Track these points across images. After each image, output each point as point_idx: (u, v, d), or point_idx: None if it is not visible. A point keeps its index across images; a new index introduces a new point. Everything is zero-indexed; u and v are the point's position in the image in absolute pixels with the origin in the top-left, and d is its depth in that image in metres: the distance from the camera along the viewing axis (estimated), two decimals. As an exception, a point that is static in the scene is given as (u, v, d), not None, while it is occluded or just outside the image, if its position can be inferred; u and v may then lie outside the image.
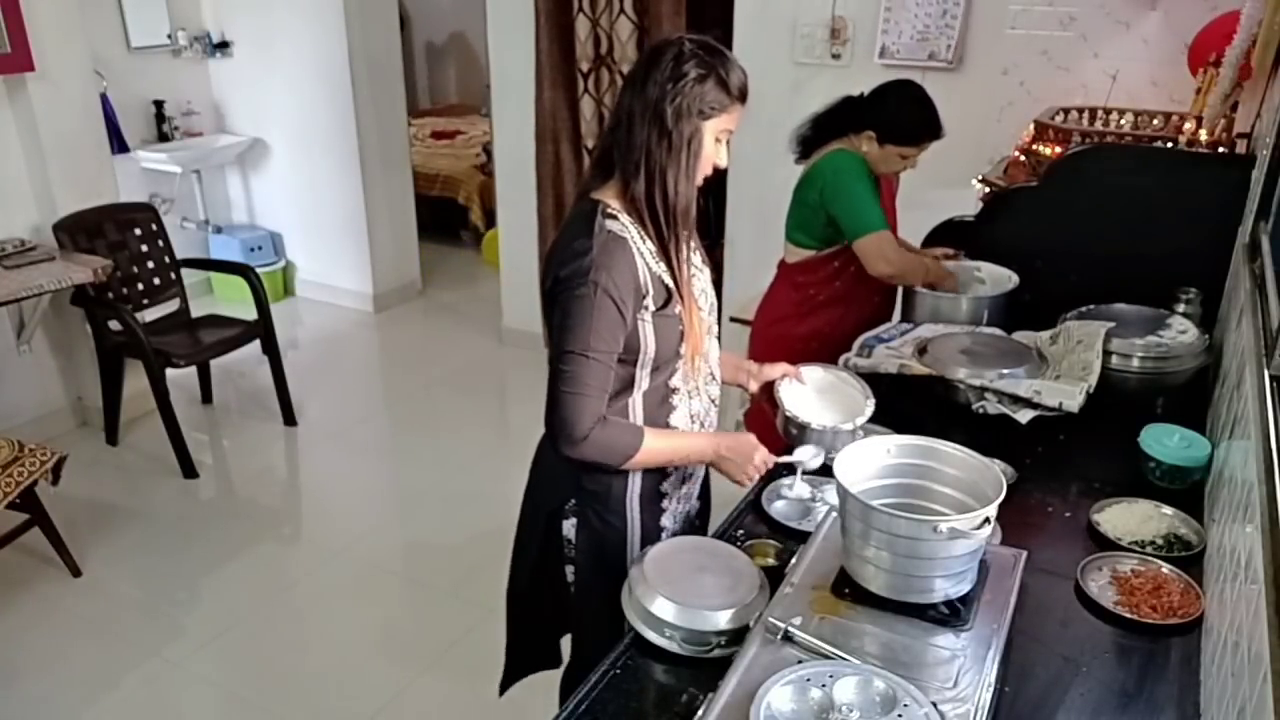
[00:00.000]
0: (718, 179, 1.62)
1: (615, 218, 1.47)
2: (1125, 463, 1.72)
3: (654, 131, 1.44)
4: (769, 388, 1.76)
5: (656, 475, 1.63)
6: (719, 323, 1.72)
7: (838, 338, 2.37)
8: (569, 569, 1.68)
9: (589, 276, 1.42)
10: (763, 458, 1.60)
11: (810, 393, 1.76)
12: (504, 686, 1.87)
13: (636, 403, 1.56)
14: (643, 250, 1.48)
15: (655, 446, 1.53)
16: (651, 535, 1.64)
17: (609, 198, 1.51)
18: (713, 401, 1.68)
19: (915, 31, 3.29)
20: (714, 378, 1.67)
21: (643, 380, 1.54)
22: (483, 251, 5.90)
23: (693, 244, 1.61)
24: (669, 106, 1.42)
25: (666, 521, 1.67)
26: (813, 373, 1.80)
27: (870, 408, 1.69)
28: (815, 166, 2.43)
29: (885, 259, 2.35)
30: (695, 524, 1.80)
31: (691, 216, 1.51)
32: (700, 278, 1.61)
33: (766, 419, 1.89)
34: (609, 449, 1.49)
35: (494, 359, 4.73)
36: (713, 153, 1.50)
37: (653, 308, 1.49)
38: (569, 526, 1.64)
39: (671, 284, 1.50)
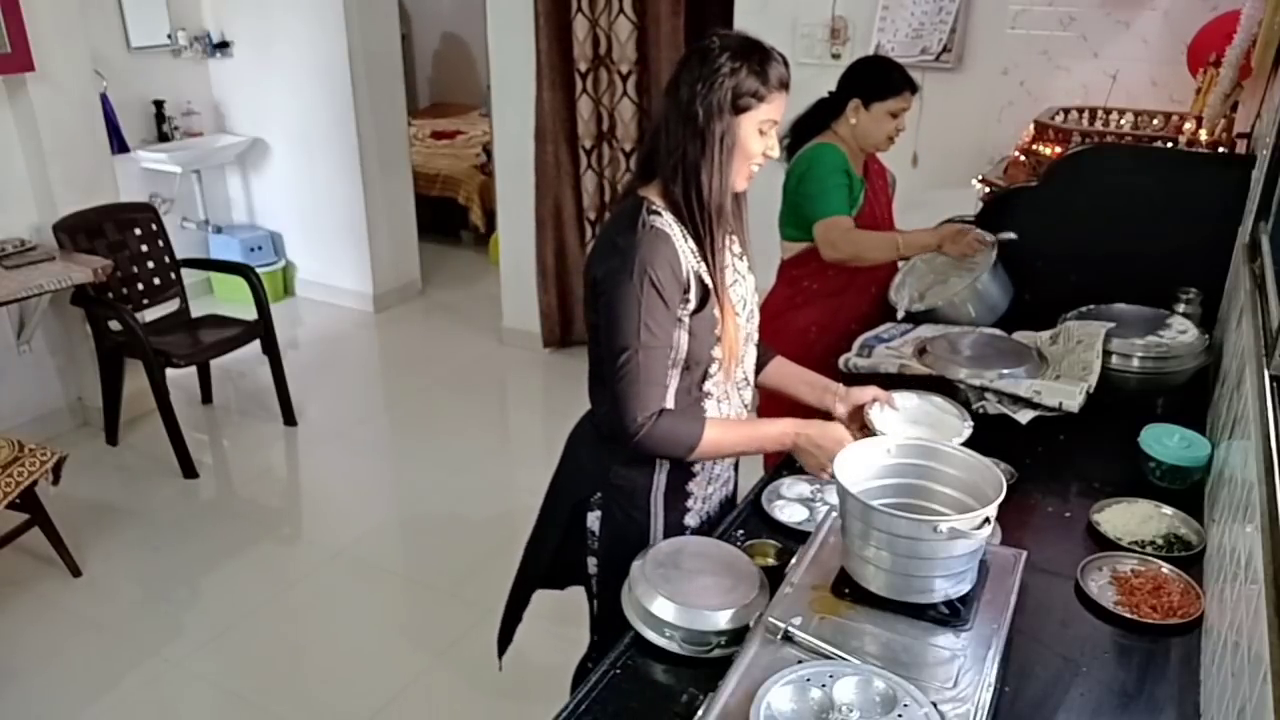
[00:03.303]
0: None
1: (659, 214, 1.49)
2: (1125, 463, 1.73)
3: (687, 132, 1.45)
4: (858, 412, 1.74)
5: (683, 475, 1.64)
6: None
7: (837, 328, 2.38)
8: (591, 560, 1.69)
9: (633, 269, 1.43)
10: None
11: (903, 419, 1.74)
12: (501, 652, 1.88)
13: (667, 401, 1.56)
14: (684, 249, 1.49)
15: (721, 439, 1.55)
16: (674, 533, 1.65)
17: (653, 195, 1.52)
18: (745, 406, 1.70)
19: (910, 29, 3.30)
20: (748, 383, 1.69)
21: (671, 379, 1.55)
22: (489, 252, 5.89)
23: (736, 249, 1.62)
24: (700, 106, 1.43)
25: (690, 520, 1.68)
26: (906, 399, 1.78)
27: (968, 430, 1.67)
28: (796, 159, 2.48)
29: (831, 244, 2.38)
30: None
31: (727, 214, 1.52)
32: (742, 285, 1.61)
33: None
34: (667, 441, 1.52)
35: (494, 359, 4.72)
36: (757, 145, 1.50)
37: (692, 304, 1.50)
38: (593, 519, 1.66)
39: (710, 284, 1.51)
